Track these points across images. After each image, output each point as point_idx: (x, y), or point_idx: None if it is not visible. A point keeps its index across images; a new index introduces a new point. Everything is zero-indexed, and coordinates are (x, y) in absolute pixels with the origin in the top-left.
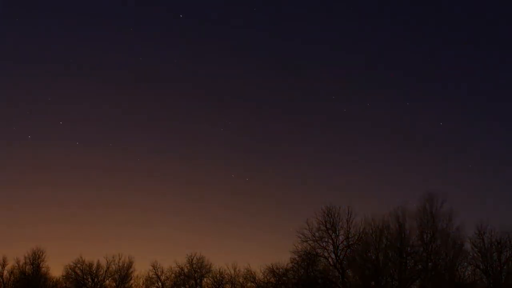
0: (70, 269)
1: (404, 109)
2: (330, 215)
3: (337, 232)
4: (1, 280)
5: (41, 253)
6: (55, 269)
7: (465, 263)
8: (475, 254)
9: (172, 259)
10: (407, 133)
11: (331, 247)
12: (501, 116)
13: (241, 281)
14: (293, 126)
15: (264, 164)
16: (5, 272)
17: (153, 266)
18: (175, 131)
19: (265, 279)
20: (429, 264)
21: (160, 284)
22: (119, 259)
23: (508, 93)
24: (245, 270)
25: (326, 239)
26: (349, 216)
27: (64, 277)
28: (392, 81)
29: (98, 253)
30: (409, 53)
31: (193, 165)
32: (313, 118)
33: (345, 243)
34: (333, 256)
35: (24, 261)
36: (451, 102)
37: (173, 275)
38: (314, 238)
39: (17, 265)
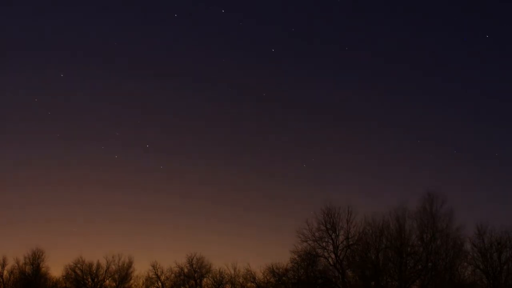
0: (70, 269)
1: (403, 108)
2: (330, 215)
3: (337, 232)
4: (1, 280)
5: (41, 253)
6: (55, 269)
7: (465, 263)
8: (475, 254)
9: (172, 259)
10: (407, 132)
11: (331, 247)
12: (502, 115)
13: (241, 281)
14: (293, 126)
15: (264, 164)
16: (5, 272)
17: (153, 266)
18: (174, 130)
19: (265, 279)
20: (429, 264)
21: (160, 284)
22: (119, 259)
23: (509, 92)
24: (245, 270)
25: (326, 239)
26: (349, 216)
27: (64, 277)
28: (391, 80)
29: (98, 253)
30: (408, 51)
31: (192, 164)
32: (312, 118)
33: (345, 243)
34: (333, 256)
35: (24, 261)
36: (451, 101)
37: (173, 275)
38: (314, 238)
39: (17, 265)
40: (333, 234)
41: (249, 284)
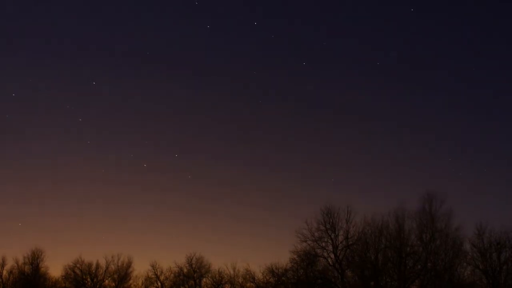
0: (70, 269)
1: (404, 108)
2: (329, 215)
3: (337, 232)
4: (1, 280)
5: (40, 253)
6: (54, 269)
7: (465, 263)
8: (475, 254)
9: (171, 259)
10: (407, 133)
11: (330, 247)
12: (502, 115)
13: (240, 281)
14: (293, 126)
15: (263, 163)
16: (5, 272)
17: (152, 266)
18: (174, 129)
19: (264, 279)
20: (428, 264)
21: (159, 284)
22: (118, 259)
23: (509, 92)
24: (244, 270)
25: (326, 239)
26: (348, 216)
27: (64, 277)
28: (391, 80)
29: (98, 253)
30: (408, 51)
31: (192, 164)
32: (313, 118)
33: (344, 243)
34: (332, 256)
35: (23, 261)
36: (452, 101)
37: (172, 275)
38: (313, 238)
39: (16, 265)
40: (333, 234)
41: (248, 284)
